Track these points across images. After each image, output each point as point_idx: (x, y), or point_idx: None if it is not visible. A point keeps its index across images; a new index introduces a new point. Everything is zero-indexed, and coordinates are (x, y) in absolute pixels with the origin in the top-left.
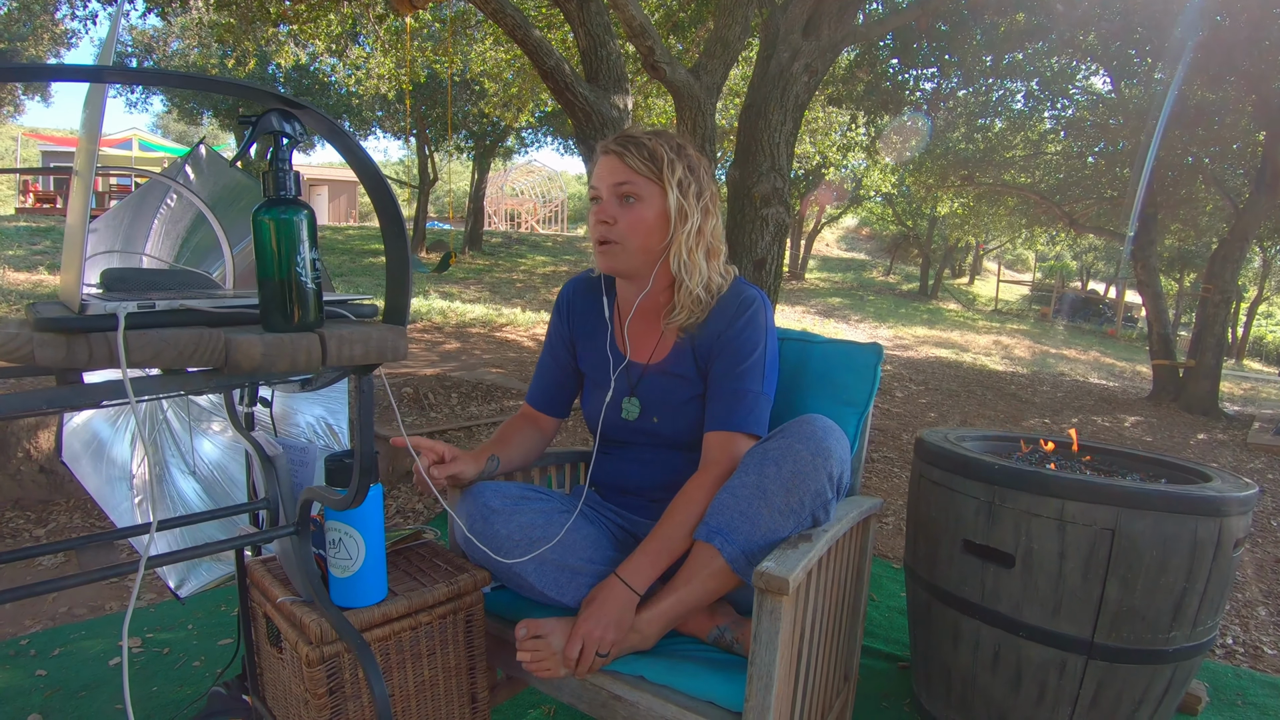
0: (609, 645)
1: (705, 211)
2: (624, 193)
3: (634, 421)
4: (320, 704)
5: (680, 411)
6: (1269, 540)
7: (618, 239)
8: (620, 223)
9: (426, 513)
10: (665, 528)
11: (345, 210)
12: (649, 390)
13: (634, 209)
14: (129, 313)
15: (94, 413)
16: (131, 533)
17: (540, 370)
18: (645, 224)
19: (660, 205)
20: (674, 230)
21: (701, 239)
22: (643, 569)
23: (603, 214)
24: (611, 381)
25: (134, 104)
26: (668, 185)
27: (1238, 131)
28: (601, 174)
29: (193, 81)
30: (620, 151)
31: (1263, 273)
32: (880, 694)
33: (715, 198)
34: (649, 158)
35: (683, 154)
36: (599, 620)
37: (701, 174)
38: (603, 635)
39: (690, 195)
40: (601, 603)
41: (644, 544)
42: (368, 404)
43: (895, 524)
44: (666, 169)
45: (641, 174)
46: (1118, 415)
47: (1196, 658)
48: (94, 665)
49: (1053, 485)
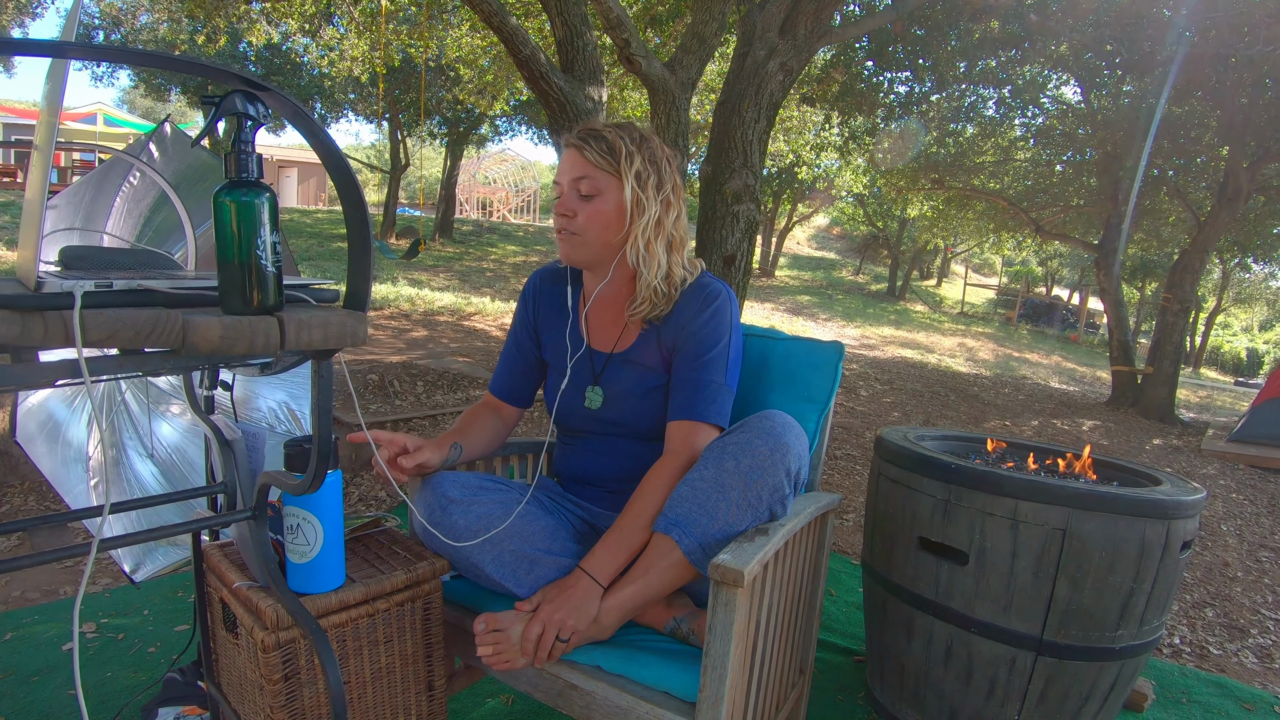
0: (569, 631)
1: (666, 204)
2: (583, 188)
3: (596, 411)
4: (275, 689)
5: (643, 401)
6: (1218, 544)
7: (577, 231)
8: (579, 215)
9: (389, 501)
10: (625, 519)
11: (314, 193)
12: (612, 379)
13: (592, 203)
14: (85, 291)
15: (50, 393)
16: (85, 514)
17: (504, 359)
18: (603, 217)
19: (618, 198)
20: (630, 221)
21: (661, 231)
22: (605, 561)
23: (562, 207)
24: (568, 368)
25: (99, 78)
26: (625, 178)
27: (1202, 146)
28: (563, 167)
29: (157, 60)
30: (580, 145)
31: (1221, 284)
32: (835, 687)
33: (679, 190)
34: (607, 151)
35: (644, 146)
36: (560, 605)
37: (663, 166)
38: (563, 619)
39: (649, 187)
40: (564, 589)
41: (605, 537)
42: (326, 389)
43: (855, 521)
44: (624, 161)
45: (600, 168)
46: (1077, 419)
47: (1143, 655)
48: (47, 650)
49: (1007, 485)
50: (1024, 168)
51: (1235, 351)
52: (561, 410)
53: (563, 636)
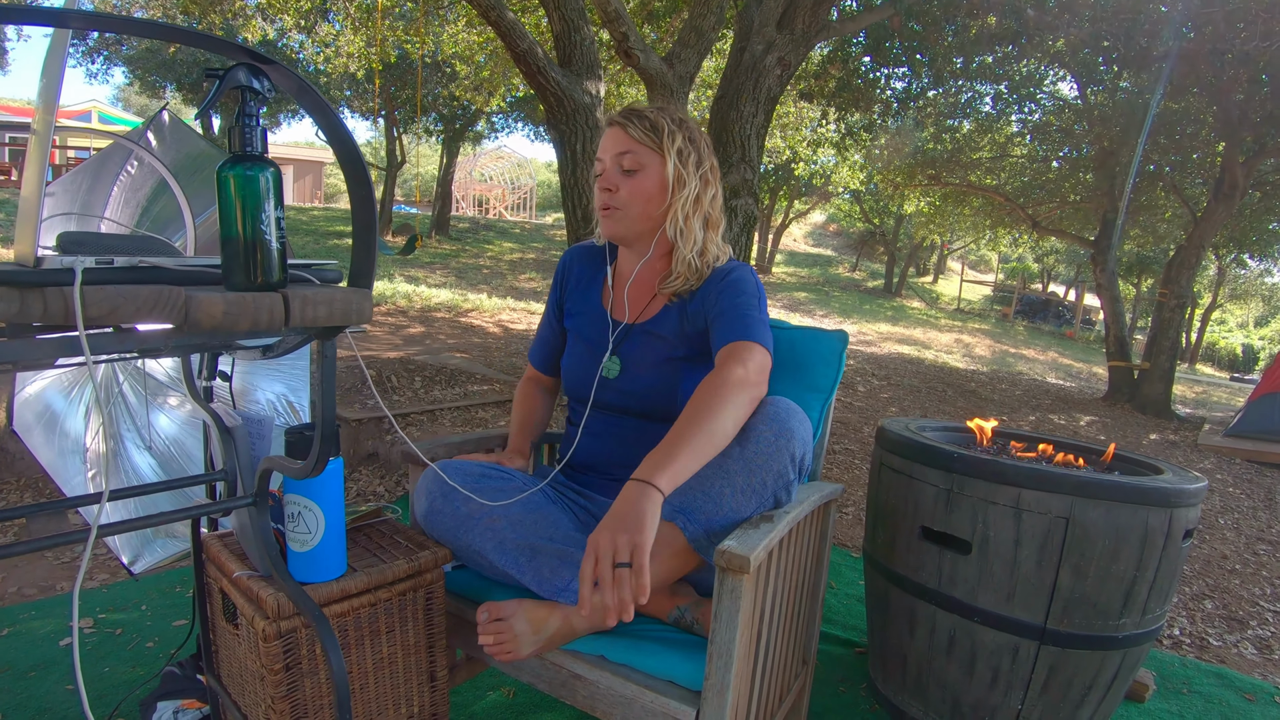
0: (627, 550)
1: (704, 180)
2: (626, 162)
3: (613, 380)
4: (276, 679)
5: (657, 372)
6: (1216, 537)
7: (619, 205)
8: (622, 190)
9: (387, 495)
10: (674, 428)
11: (311, 190)
12: (631, 349)
13: (635, 177)
14: (86, 268)
15: (47, 384)
16: (82, 501)
17: (539, 332)
18: (645, 191)
19: (660, 173)
20: (671, 196)
21: (699, 207)
22: (653, 462)
23: (606, 182)
24: (601, 339)
25: (94, 75)
26: (667, 153)
27: (1198, 141)
28: (606, 144)
29: (159, 30)
30: (624, 123)
31: (1217, 280)
32: (837, 678)
33: (715, 171)
34: (650, 128)
35: (684, 126)
36: (608, 526)
37: (702, 146)
38: (614, 538)
39: (689, 164)
40: (612, 510)
41: (655, 448)
42: (330, 370)
43: (855, 514)
44: (666, 138)
45: (643, 143)
46: (1074, 414)
47: (1145, 645)
48: (44, 645)
49: (1010, 474)
50: (1021, 163)
51: (1231, 347)
52: (578, 379)
53: (620, 559)
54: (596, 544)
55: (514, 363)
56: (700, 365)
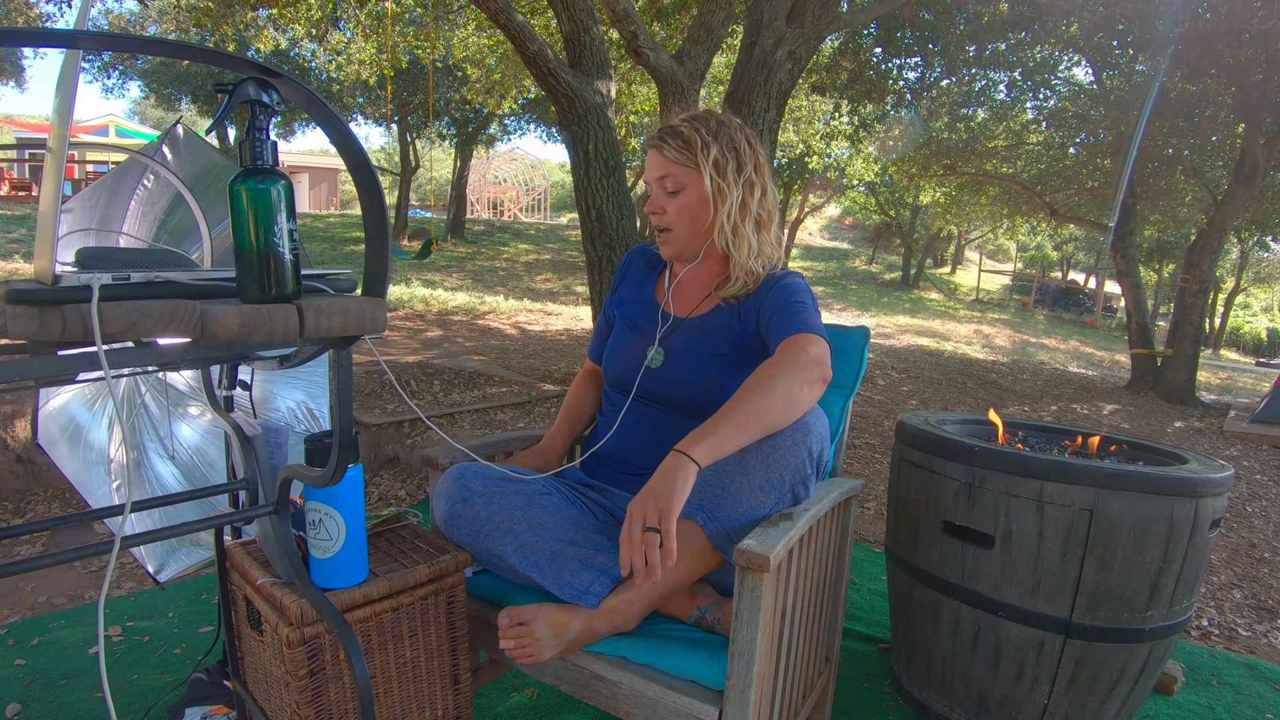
0: (655, 515)
1: (749, 185)
2: (668, 185)
3: (656, 370)
4: (301, 685)
5: (701, 363)
6: (1244, 526)
7: (669, 226)
8: (669, 211)
9: (409, 499)
10: (725, 405)
11: (326, 198)
12: (677, 341)
13: (678, 198)
14: (103, 284)
15: (71, 396)
16: (107, 513)
17: (597, 328)
18: (689, 210)
19: (700, 189)
20: (715, 208)
21: (746, 213)
22: (695, 435)
23: (653, 206)
24: (656, 333)
25: (110, 90)
26: (703, 169)
27: (1217, 124)
28: (648, 169)
29: (170, 48)
30: (659, 145)
31: (1240, 264)
32: (861, 675)
33: (761, 169)
34: (683, 146)
35: (721, 133)
36: (644, 492)
37: (743, 149)
38: (644, 505)
39: (728, 174)
40: (651, 479)
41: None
42: (346, 379)
43: (876, 509)
44: (700, 153)
45: (679, 163)
46: (1097, 403)
47: (1172, 637)
48: (73, 654)
49: (1031, 466)
50: (1037, 151)
51: (1255, 332)
52: (621, 365)
53: (649, 523)
54: (631, 509)
55: (532, 364)
56: (744, 366)
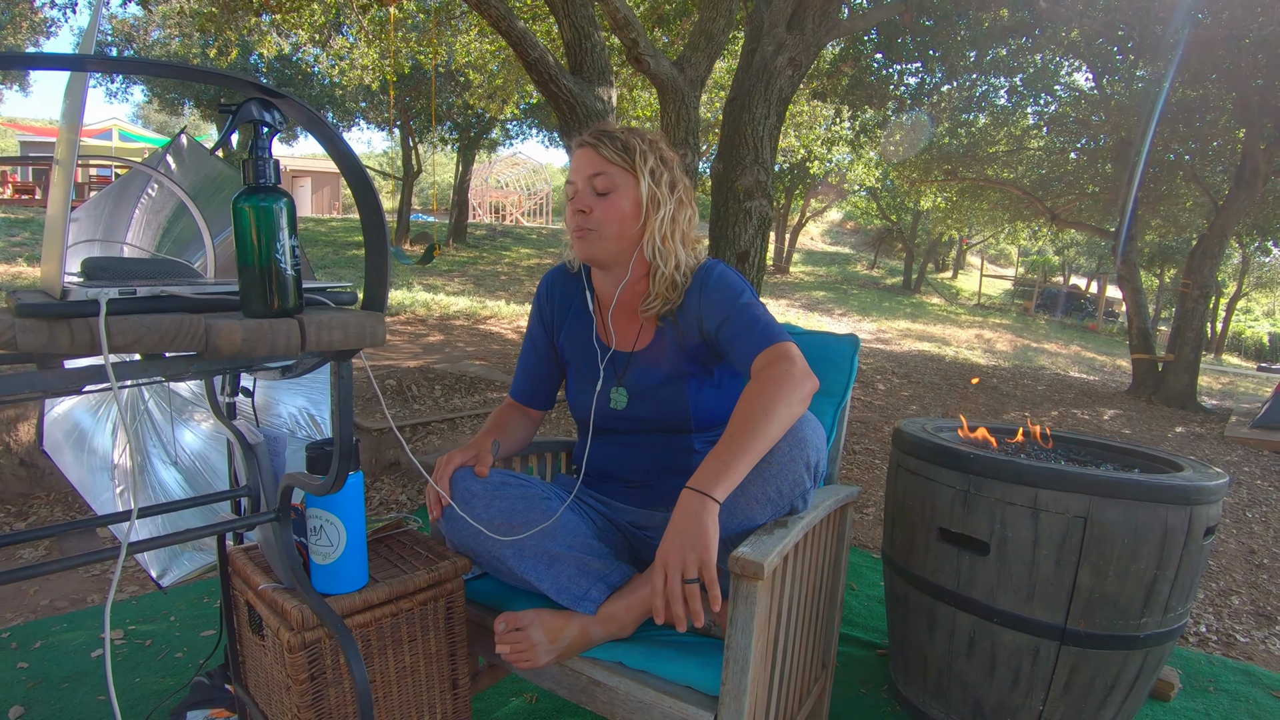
0: (695, 566)
1: (679, 202)
2: (599, 184)
3: (622, 410)
4: (302, 689)
5: (663, 390)
6: (1244, 531)
7: (594, 227)
8: (596, 211)
9: (410, 503)
10: (726, 435)
11: (329, 202)
12: (635, 378)
13: (608, 199)
14: (110, 299)
15: (75, 402)
16: (112, 519)
17: (522, 364)
18: (620, 212)
19: (634, 194)
20: (647, 217)
21: (676, 227)
22: (709, 471)
23: (579, 203)
24: (600, 371)
25: (114, 94)
26: (640, 174)
27: (1218, 129)
28: (577, 166)
29: (173, 71)
30: (594, 144)
31: (1241, 269)
32: (859, 681)
33: (689, 192)
34: (622, 149)
35: (655, 147)
36: (675, 542)
37: (675, 168)
38: (683, 555)
39: (663, 184)
40: (674, 523)
41: (710, 454)
42: (347, 390)
43: (875, 515)
44: (639, 158)
45: (615, 164)
46: (1097, 408)
47: (1168, 643)
48: (76, 657)
49: (1027, 474)
50: (1038, 156)
51: (1257, 336)
52: (585, 410)
53: (688, 576)
54: (666, 561)
55: None
56: (706, 370)
